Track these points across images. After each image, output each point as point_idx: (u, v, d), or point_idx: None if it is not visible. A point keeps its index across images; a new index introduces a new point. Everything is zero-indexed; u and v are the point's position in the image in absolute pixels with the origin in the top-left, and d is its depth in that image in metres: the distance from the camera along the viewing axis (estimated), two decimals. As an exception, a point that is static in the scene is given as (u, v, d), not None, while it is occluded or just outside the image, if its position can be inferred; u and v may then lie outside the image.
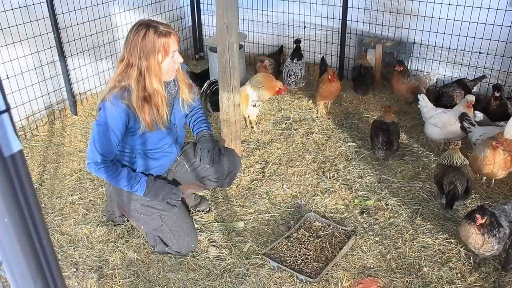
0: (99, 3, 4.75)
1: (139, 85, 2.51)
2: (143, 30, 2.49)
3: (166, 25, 2.58)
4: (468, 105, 3.69)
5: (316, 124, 4.47)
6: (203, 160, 2.87)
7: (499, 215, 2.66)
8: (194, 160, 2.95)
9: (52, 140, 4.30)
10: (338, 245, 2.91)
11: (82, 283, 2.72)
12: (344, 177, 3.63)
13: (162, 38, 2.50)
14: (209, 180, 2.99)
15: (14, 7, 3.97)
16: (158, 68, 2.53)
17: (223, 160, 2.96)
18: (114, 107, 2.49)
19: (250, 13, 5.63)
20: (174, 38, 2.55)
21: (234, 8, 3.08)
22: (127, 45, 2.53)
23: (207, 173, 2.96)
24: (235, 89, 3.39)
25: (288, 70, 4.88)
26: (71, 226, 3.17)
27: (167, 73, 2.62)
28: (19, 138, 0.67)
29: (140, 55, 2.49)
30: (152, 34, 2.48)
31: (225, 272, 2.76)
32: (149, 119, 2.56)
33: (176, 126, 2.86)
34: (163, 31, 2.51)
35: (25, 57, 4.21)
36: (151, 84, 2.52)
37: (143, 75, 2.51)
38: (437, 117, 3.84)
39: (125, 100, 2.50)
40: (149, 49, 2.48)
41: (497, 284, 2.65)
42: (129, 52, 2.51)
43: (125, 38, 2.58)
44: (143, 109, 2.53)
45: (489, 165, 3.20)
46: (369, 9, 5.04)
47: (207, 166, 2.90)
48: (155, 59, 2.50)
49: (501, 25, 4.30)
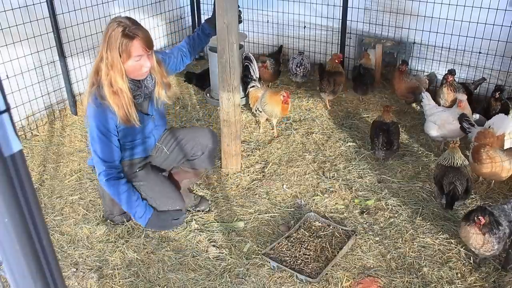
0: (99, 3, 4.75)
1: (107, 80, 2.55)
2: (114, 26, 2.51)
3: (138, 27, 2.55)
4: (460, 105, 3.70)
5: (316, 124, 4.47)
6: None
7: (499, 214, 2.66)
8: (172, 142, 3.03)
9: (52, 140, 4.30)
10: (338, 245, 2.91)
11: (82, 283, 2.72)
12: (344, 177, 3.63)
13: (125, 39, 2.49)
14: (188, 161, 3.09)
15: (14, 7, 3.97)
16: (120, 67, 2.53)
17: (198, 137, 3.04)
18: (96, 107, 2.55)
19: (250, 13, 5.64)
20: (138, 43, 2.51)
21: (234, 8, 3.08)
22: (102, 38, 2.57)
23: (184, 152, 3.04)
24: (235, 89, 3.39)
25: (297, 61, 4.96)
26: (71, 226, 3.17)
27: (132, 74, 2.63)
28: (19, 138, 0.67)
29: (108, 50, 2.51)
30: (118, 33, 2.49)
31: (225, 272, 2.76)
32: (122, 113, 2.60)
33: (154, 117, 2.91)
34: (129, 33, 2.49)
35: (25, 57, 4.21)
36: (115, 82, 2.55)
37: (109, 70, 2.54)
38: (437, 115, 3.87)
39: (103, 99, 2.55)
40: (113, 46, 2.49)
41: (497, 284, 2.65)
42: (102, 46, 2.54)
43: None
44: (115, 102, 2.56)
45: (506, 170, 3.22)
46: (369, 9, 5.04)
47: (184, 145, 3.02)
48: (117, 58, 2.51)
49: (501, 25, 4.30)
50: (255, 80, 4.43)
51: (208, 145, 3.09)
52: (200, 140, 3.06)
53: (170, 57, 3.04)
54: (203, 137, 3.08)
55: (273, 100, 4.05)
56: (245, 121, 4.53)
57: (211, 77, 4.89)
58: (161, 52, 3.04)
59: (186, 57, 3.14)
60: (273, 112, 4.08)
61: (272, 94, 4.11)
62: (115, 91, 2.56)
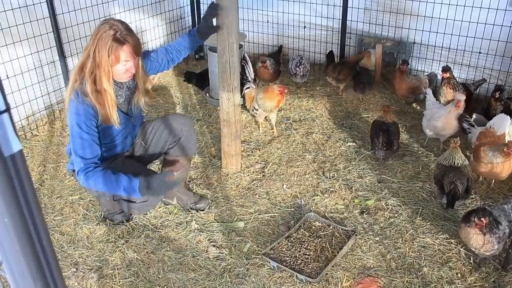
0: (99, 3, 4.75)
1: (91, 78, 2.57)
2: (106, 28, 2.53)
3: (130, 33, 2.59)
4: (457, 104, 3.73)
5: (316, 124, 4.47)
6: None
7: (499, 214, 2.66)
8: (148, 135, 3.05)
9: (52, 140, 4.30)
10: (338, 245, 2.91)
11: (82, 283, 2.72)
12: (344, 177, 3.63)
13: (115, 43, 2.53)
14: (169, 148, 3.10)
15: (14, 7, 3.97)
16: (108, 69, 2.57)
17: (171, 124, 3.05)
18: (78, 104, 2.56)
19: (250, 13, 5.63)
20: (127, 49, 2.56)
21: (234, 8, 3.08)
22: (92, 35, 2.58)
23: (162, 142, 3.06)
24: (235, 89, 3.39)
25: (297, 61, 4.99)
26: (71, 226, 3.17)
27: (117, 76, 2.67)
28: (19, 138, 0.67)
29: (96, 50, 2.53)
30: (109, 36, 2.51)
31: (225, 272, 2.76)
32: (103, 111, 2.62)
33: (134, 119, 2.95)
34: (119, 37, 2.53)
35: (25, 57, 4.21)
36: (100, 82, 2.58)
37: (95, 70, 2.56)
38: (430, 109, 3.96)
39: (86, 96, 2.56)
40: (103, 48, 2.52)
41: (497, 284, 2.65)
42: (91, 44, 2.56)
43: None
44: (98, 100, 2.59)
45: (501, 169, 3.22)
46: (369, 9, 5.04)
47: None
48: (106, 60, 2.54)
49: (501, 25, 4.30)
50: (250, 82, 4.43)
51: (183, 129, 3.09)
52: (174, 125, 3.07)
53: (152, 62, 3.04)
54: (176, 122, 3.08)
55: (268, 93, 4.10)
56: (245, 121, 4.53)
57: (211, 77, 4.89)
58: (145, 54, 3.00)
59: (172, 61, 3.14)
60: (270, 105, 4.11)
61: (266, 89, 4.17)
62: (99, 90, 2.58)
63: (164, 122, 3.09)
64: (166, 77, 5.57)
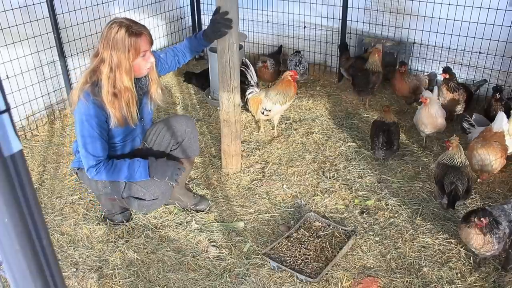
0: (99, 3, 4.75)
1: (109, 81, 2.55)
2: (116, 28, 2.52)
3: (139, 25, 2.61)
4: (421, 99, 3.83)
5: (316, 124, 4.47)
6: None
7: (499, 214, 2.66)
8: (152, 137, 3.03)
9: (52, 140, 4.30)
10: (338, 245, 2.91)
11: (82, 283, 2.72)
12: (344, 177, 3.63)
13: (133, 37, 2.53)
14: (172, 150, 3.08)
15: (14, 7, 3.97)
16: (129, 66, 2.56)
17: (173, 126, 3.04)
18: (88, 103, 2.54)
19: (250, 13, 5.64)
20: (145, 38, 2.58)
21: (234, 8, 3.08)
22: (101, 40, 2.57)
23: (165, 143, 3.04)
24: (235, 89, 3.39)
25: (296, 61, 5.00)
26: (71, 226, 3.17)
27: (138, 71, 2.67)
28: (19, 138, 0.67)
29: (112, 52, 2.52)
30: (123, 33, 2.51)
31: (225, 272, 2.76)
32: (119, 115, 2.61)
33: (144, 120, 2.93)
34: (134, 30, 2.54)
35: (25, 57, 4.20)
36: (121, 81, 2.57)
37: (113, 71, 2.55)
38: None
39: (97, 96, 2.55)
40: (120, 47, 2.51)
41: (497, 284, 2.65)
42: (103, 48, 2.55)
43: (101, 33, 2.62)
44: (114, 105, 2.58)
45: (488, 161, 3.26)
46: (369, 9, 5.04)
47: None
48: (126, 57, 2.53)
49: (501, 25, 4.30)
50: (253, 86, 4.29)
51: (186, 130, 3.08)
52: (177, 127, 3.06)
53: (162, 63, 3.04)
54: (178, 123, 3.07)
55: (283, 84, 4.05)
56: (245, 121, 4.53)
57: (211, 77, 4.89)
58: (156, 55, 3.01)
59: (179, 63, 3.16)
60: (290, 94, 4.05)
61: (277, 83, 4.14)
62: (116, 93, 2.57)
63: (167, 123, 3.08)
64: (166, 77, 5.57)
